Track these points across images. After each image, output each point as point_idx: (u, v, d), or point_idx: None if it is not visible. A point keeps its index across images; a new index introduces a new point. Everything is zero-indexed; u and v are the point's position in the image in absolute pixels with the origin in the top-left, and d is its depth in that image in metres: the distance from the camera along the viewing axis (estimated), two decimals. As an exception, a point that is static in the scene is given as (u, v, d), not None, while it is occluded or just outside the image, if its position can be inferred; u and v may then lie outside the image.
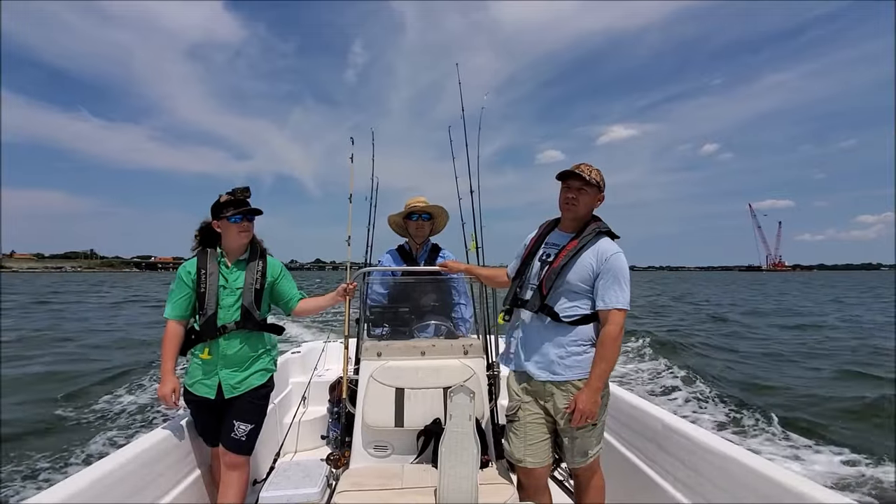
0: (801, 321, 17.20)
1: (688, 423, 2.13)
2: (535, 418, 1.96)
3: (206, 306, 2.14)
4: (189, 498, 2.15)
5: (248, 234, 2.21)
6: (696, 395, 7.00)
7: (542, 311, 1.95)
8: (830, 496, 1.42)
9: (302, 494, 2.24)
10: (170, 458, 2.07)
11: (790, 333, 14.21)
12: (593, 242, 1.94)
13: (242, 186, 2.20)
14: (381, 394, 2.31)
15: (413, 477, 2.01)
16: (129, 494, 1.77)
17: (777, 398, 7.01)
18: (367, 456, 2.31)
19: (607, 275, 1.87)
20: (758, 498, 1.61)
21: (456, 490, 1.75)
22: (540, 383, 1.95)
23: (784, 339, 13.05)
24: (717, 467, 1.81)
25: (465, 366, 2.41)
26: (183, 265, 2.23)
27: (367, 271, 2.90)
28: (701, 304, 25.88)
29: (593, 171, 1.94)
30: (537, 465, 1.94)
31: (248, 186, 2.21)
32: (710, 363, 9.43)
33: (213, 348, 2.16)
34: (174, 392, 2.14)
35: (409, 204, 3.10)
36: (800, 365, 9.57)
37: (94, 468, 1.70)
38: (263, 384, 2.27)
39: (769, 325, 16.02)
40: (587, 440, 1.94)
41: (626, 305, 1.86)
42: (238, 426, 2.15)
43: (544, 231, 2.11)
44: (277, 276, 2.34)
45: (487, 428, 2.44)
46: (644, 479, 2.22)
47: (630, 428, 2.44)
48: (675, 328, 14.82)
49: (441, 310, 2.92)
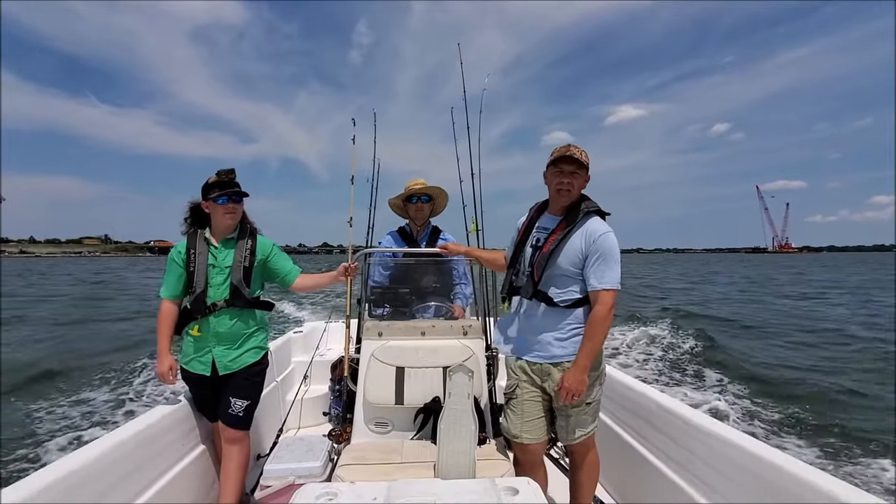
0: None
1: (681, 404, 2.18)
2: (532, 396, 2.00)
3: (195, 285, 2.18)
4: (194, 471, 2.22)
5: (233, 215, 2.22)
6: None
7: (536, 297, 1.96)
8: (819, 475, 1.46)
9: (305, 468, 2.31)
10: (174, 433, 2.13)
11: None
12: (582, 223, 1.92)
13: (227, 168, 2.22)
14: (381, 372, 2.36)
15: (413, 452, 2.07)
16: (135, 468, 1.82)
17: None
18: (368, 432, 2.37)
19: (596, 255, 1.86)
20: (748, 476, 1.66)
21: (454, 464, 1.81)
22: (538, 364, 1.98)
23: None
24: (708, 447, 1.86)
25: (465, 346, 2.46)
26: (174, 246, 2.27)
27: (368, 252, 2.92)
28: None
29: (583, 153, 1.92)
30: (533, 441, 1.99)
31: (232, 168, 2.23)
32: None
33: (204, 326, 2.20)
34: (171, 369, 2.19)
35: (408, 186, 3.11)
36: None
37: (100, 442, 1.75)
38: (258, 361, 2.31)
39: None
40: (582, 418, 1.98)
41: (615, 285, 1.86)
42: (234, 402, 2.20)
43: (534, 215, 2.09)
44: (269, 254, 2.36)
45: (485, 407, 2.50)
46: (637, 457, 2.29)
47: (624, 408, 2.50)
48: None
49: (441, 291, 2.95)
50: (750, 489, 1.65)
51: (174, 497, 2.01)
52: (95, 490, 1.61)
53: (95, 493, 1.61)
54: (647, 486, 2.22)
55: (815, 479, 1.45)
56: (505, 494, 1.37)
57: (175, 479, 2.04)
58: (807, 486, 1.44)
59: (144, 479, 1.88)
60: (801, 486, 1.46)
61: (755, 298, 19.65)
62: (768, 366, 7.96)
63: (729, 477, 1.75)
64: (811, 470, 1.50)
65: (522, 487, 1.41)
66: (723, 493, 1.77)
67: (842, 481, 1.43)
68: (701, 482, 1.89)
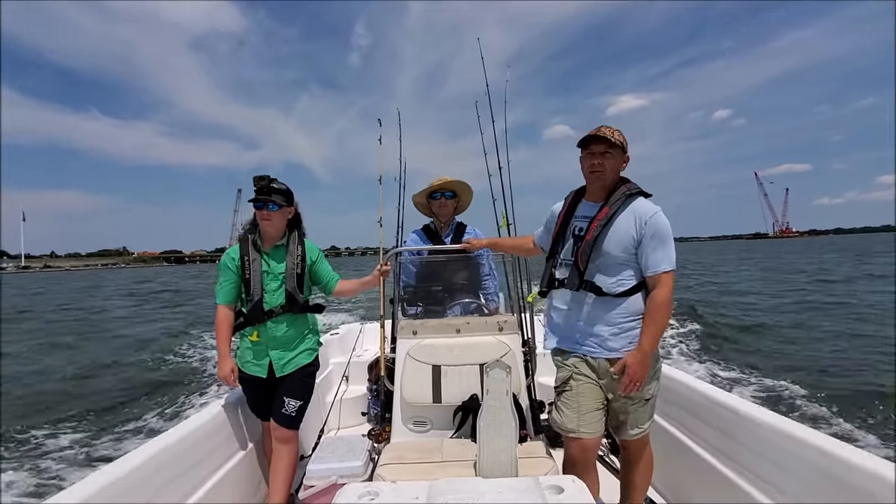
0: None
1: (730, 395, 2.07)
2: (589, 389, 1.88)
3: (252, 292, 2.22)
4: (242, 471, 2.27)
5: (268, 222, 2.22)
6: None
7: (584, 287, 1.86)
8: (880, 464, 1.36)
9: (347, 467, 2.33)
10: (223, 433, 2.19)
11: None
12: (626, 206, 1.82)
13: (260, 175, 2.23)
14: (418, 371, 2.35)
15: (453, 450, 2.04)
16: (186, 469, 1.88)
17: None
18: (407, 431, 2.36)
19: (650, 237, 1.76)
20: (806, 468, 1.55)
21: (495, 463, 1.77)
22: (594, 360, 1.87)
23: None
24: (762, 439, 1.76)
25: (501, 342, 2.41)
26: (227, 252, 2.31)
27: (398, 251, 2.92)
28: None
29: (615, 133, 1.82)
30: (591, 435, 1.87)
31: (265, 175, 2.24)
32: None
33: (262, 331, 2.24)
34: (233, 372, 2.25)
35: (432, 184, 3.09)
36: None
37: (154, 443, 1.81)
38: (310, 363, 2.35)
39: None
40: (640, 414, 1.89)
41: (672, 265, 1.76)
42: (288, 402, 2.24)
43: (571, 203, 1.99)
44: (315, 259, 2.40)
45: (525, 404, 2.45)
46: (689, 453, 2.18)
47: (671, 401, 2.39)
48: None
49: (471, 287, 2.92)
50: (820, 489, 1.51)
51: (222, 497, 2.06)
52: (149, 490, 1.67)
53: (149, 493, 1.66)
54: (701, 485, 2.10)
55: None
56: (549, 493, 1.31)
57: (223, 479, 2.09)
58: (889, 485, 1.30)
59: (194, 480, 1.93)
60: (884, 485, 1.31)
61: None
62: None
63: (794, 474, 1.62)
64: (889, 466, 1.36)
65: (567, 485, 1.35)
66: (791, 493, 1.63)
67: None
68: (762, 480, 1.76)
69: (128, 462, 1.65)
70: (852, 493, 1.39)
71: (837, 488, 1.45)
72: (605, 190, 1.89)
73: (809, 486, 1.55)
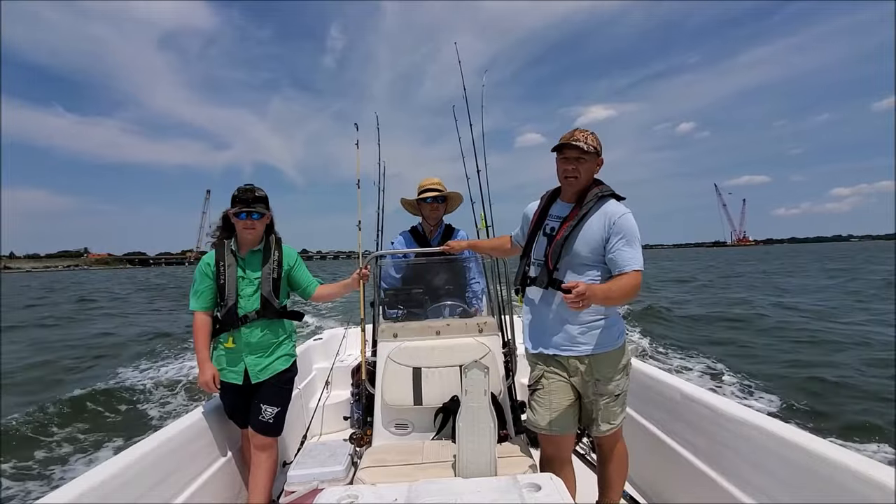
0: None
1: (707, 392, 2.11)
2: (560, 387, 1.92)
3: (226, 297, 2.21)
4: (222, 477, 2.25)
5: (252, 231, 2.23)
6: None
7: (552, 285, 1.89)
8: (859, 461, 1.38)
9: (328, 472, 2.32)
10: (202, 440, 2.17)
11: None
12: (597, 207, 1.85)
13: (247, 185, 2.24)
14: (398, 374, 2.35)
15: (433, 452, 2.05)
16: (165, 475, 1.86)
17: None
18: (388, 434, 2.36)
19: (617, 237, 1.79)
20: (784, 465, 1.58)
21: (475, 463, 1.78)
22: (563, 358, 1.90)
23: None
24: (739, 436, 1.79)
25: (481, 343, 2.43)
26: (203, 258, 2.30)
27: (377, 255, 2.92)
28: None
29: (589, 137, 1.85)
30: (563, 432, 1.90)
31: (251, 186, 2.23)
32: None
33: (237, 337, 2.23)
34: (214, 378, 2.22)
35: (422, 185, 3.08)
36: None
37: (135, 449, 1.79)
38: (287, 369, 2.34)
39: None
40: (611, 410, 1.92)
41: (640, 266, 1.78)
42: (265, 409, 2.23)
43: (546, 203, 2.03)
44: (293, 265, 2.39)
45: (505, 404, 2.47)
46: (666, 450, 2.23)
47: (648, 399, 2.44)
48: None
49: (455, 290, 2.93)
50: (796, 484, 1.53)
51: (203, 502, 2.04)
52: (131, 494, 1.66)
53: (132, 496, 1.66)
54: (680, 482, 2.14)
55: (876, 473, 1.32)
56: (527, 491, 1.33)
57: (204, 485, 2.07)
58: (869, 482, 1.31)
59: (175, 485, 1.91)
60: (863, 483, 1.33)
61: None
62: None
63: (771, 471, 1.64)
64: (858, 458, 1.40)
65: (545, 483, 1.37)
66: (768, 489, 1.65)
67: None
68: (739, 477, 1.79)
69: (105, 469, 1.63)
70: (830, 488, 1.41)
71: (813, 483, 1.47)
72: (579, 192, 1.92)
73: (785, 482, 1.58)
